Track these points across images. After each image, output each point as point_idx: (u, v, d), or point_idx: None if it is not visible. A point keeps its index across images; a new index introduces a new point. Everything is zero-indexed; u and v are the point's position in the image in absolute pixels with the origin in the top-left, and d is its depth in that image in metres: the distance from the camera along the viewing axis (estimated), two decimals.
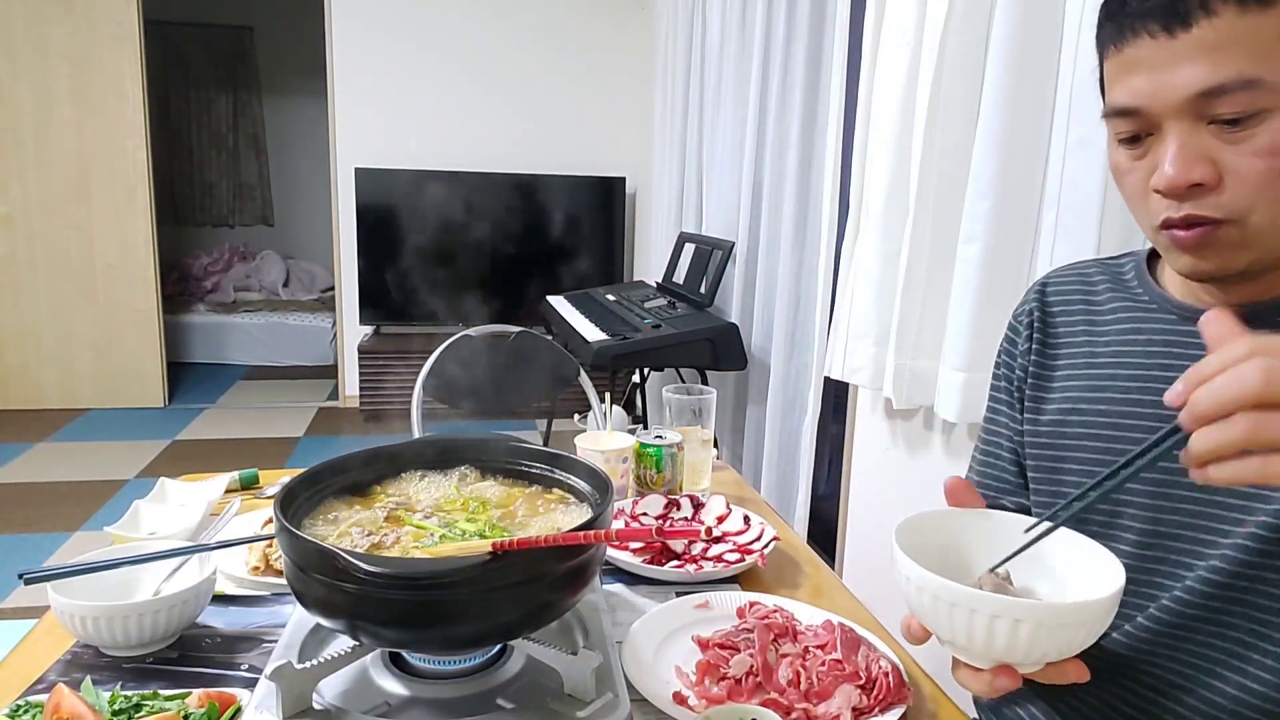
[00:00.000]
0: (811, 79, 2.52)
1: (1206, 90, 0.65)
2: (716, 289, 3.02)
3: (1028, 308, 0.94)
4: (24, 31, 4.25)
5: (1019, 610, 0.60)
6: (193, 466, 3.29)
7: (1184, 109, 0.66)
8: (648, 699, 0.82)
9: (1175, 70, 0.66)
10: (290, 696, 0.73)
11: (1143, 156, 0.71)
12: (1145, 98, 0.68)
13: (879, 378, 1.86)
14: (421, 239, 4.68)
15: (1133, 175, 0.72)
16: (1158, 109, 0.68)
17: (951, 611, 0.62)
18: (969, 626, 0.62)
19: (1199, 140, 0.67)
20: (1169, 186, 0.67)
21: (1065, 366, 0.89)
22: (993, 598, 0.61)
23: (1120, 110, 0.70)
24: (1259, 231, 0.67)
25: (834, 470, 2.59)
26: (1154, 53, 0.67)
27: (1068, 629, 0.61)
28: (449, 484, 0.95)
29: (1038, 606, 0.62)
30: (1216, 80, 0.64)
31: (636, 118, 4.74)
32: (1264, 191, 0.66)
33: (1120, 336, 0.84)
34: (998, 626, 0.60)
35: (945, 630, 0.64)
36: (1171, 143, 0.67)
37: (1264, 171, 0.65)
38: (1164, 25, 0.66)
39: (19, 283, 4.46)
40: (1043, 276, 0.96)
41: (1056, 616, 0.61)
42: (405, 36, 4.55)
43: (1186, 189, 0.67)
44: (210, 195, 6.75)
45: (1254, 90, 0.64)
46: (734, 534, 1.20)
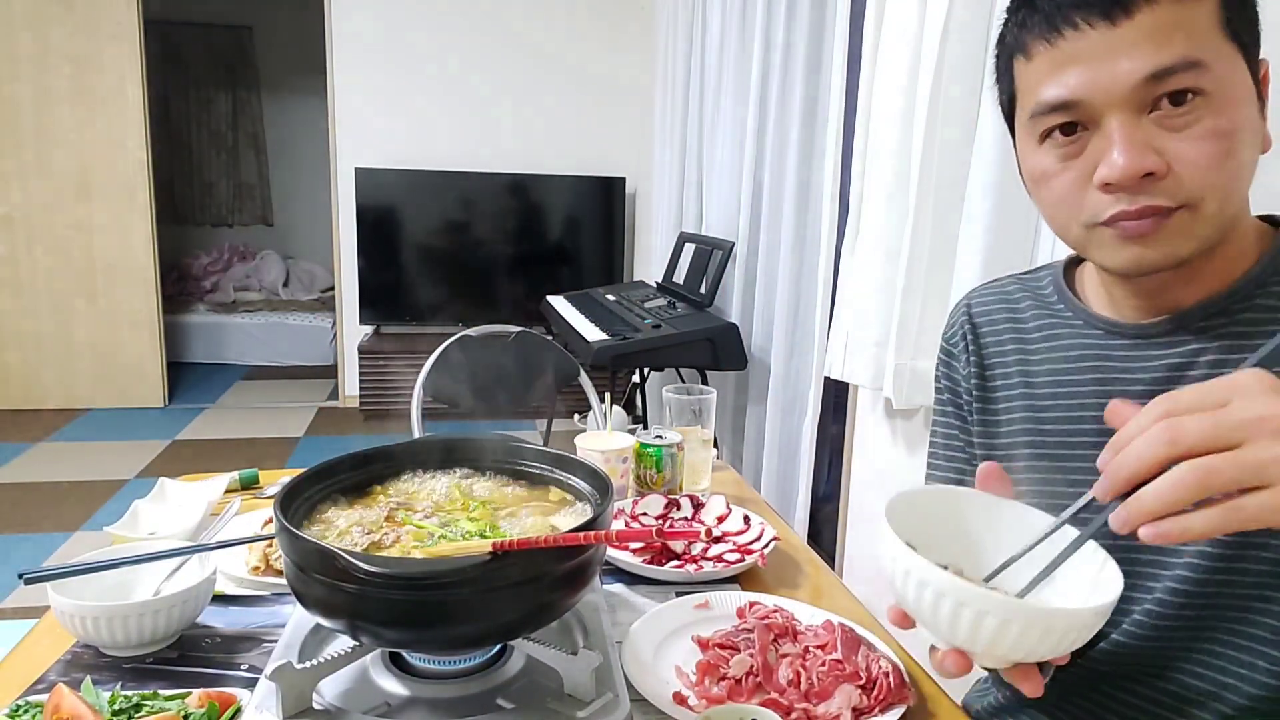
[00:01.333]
0: (811, 79, 2.52)
1: (1154, 73, 0.64)
2: (716, 289, 3.02)
3: (959, 330, 0.93)
4: (24, 31, 4.25)
5: (990, 604, 0.58)
6: (193, 466, 3.29)
7: (1128, 98, 0.65)
8: (648, 699, 0.82)
9: (1118, 59, 0.65)
10: (290, 696, 0.73)
11: (1075, 155, 0.69)
12: (1087, 89, 0.67)
13: (879, 378, 1.86)
14: (421, 239, 4.68)
15: (1063, 176, 0.71)
16: (1100, 100, 0.66)
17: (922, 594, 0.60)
18: (940, 614, 0.60)
19: (1143, 130, 0.66)
20: (1123, 176, 0.66)
21: (1003, 389, 0.88)
22: (973, 590, 0.58)
23: (1056, 106, 0.69)
24: (1210, 215, 0.67)
25: (834, 470, 2.59)
26: (1094, 44, 0.66)
27: (1048, 634, 0.58)
28: (449, 484, 0.95)
29: (1016, 606, 0.59)
30: (1162, 63, 0.64)
31: (636, 118, 4.74)
32: (1213, 174, 0.65)
33: (1051, 355, 0.84)
34: (964, 616, 0.58)
35: (917, 611, 0.63)
36: (1117, 134, 0.66)
37: (1212, 154, 0.65)
38: (1104, 15, 0.65)
39: (19, 283, 4.46)
40: (964, 297, 0.96)
41: (1041, 620, 0.58)
42: (405, 36, 4.55)
43: (1139, 179, 0.66)
44: (210, 195, 6.75)
45: (1197, 70, 0.64)
46: (734, 534, 1.20)
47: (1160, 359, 0.75)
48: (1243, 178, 0.68)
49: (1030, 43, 0.71)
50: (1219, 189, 0.66)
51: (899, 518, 0.66)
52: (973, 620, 0.57)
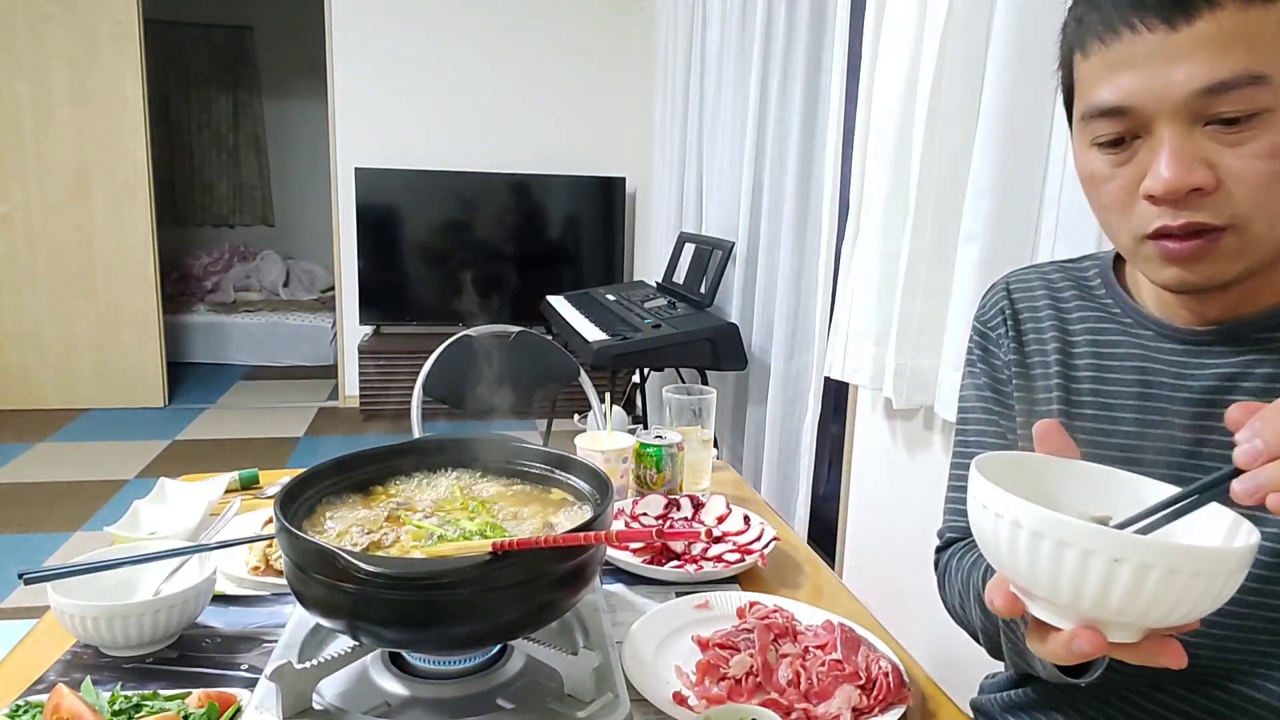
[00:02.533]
0: (811, 79, 2.51)
1: (1209, 87, 0.61)
2: (716, 289, 3.02)
3: (998, 312, 0.89)
4: (24, 31, 4.25)
5: (1133, 549, 0.49)
6: (193, 466, 3.29)
7: (1181, 108, 0.62)
8: (648, 699, 0.82)
9: (1174, 66, 0.62)
10: (290, 696, 0.73)
11: (1126, 162, 0.67)
12: (1139, 96, 0.64)
13: (879, 378, 1.86)
14: (421, 239, 4.68)
15: (1113, 183, 0.68)
16: (1152, 109, 0.63)
17: (1042, 548, 0.51)
18: (1064, 567, 0.51)
19: (1195, 142, 0.63)
20: (1167, 191, 0.63)
21: (1040, 378, 0.84)
22: (1108, 532, 0.50)
23: (1107, 110, 0.66)
24: (1257, 239, 0.64)
25: (834, 470, 2.59)
26: (1151, 48, 0.63)
27: (1195, 579, 0.49)
28: (449, 484, 0.95)
29: (1162, 546, 0.50)
30: (1219, 76, 0.60)
31: (636, 118, 4.74)
32: (1265, 196, 0.62)
33: (1094, 350, 0.81)
34: (1096, 566, 0.50)
35: (1031, 574, 0.53)
36: (1166, 145, 0.63)
37: (1266, 174, 0.62)
38: (1163, 18, 0.62)
39: (19, 283, 4.46)
40: (1002, 279, 0.92)
41: (1188, 561, 0.49)
42: (405, 37, 4.55)
43: (1185, 194, 0.63)
44: (210, 195, 6.75)
45: (1258, 87, 0.60)
46: (734, 534, 1.20)
47: (1212, 367, 0.72)
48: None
49: (1087, 40, 0.68)
50: (1271, 210, 0.63)
51: (989, 476, 0.56)
52: (1133, 575, 0.49)
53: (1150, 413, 0.76)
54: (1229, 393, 0.71)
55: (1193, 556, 0.49)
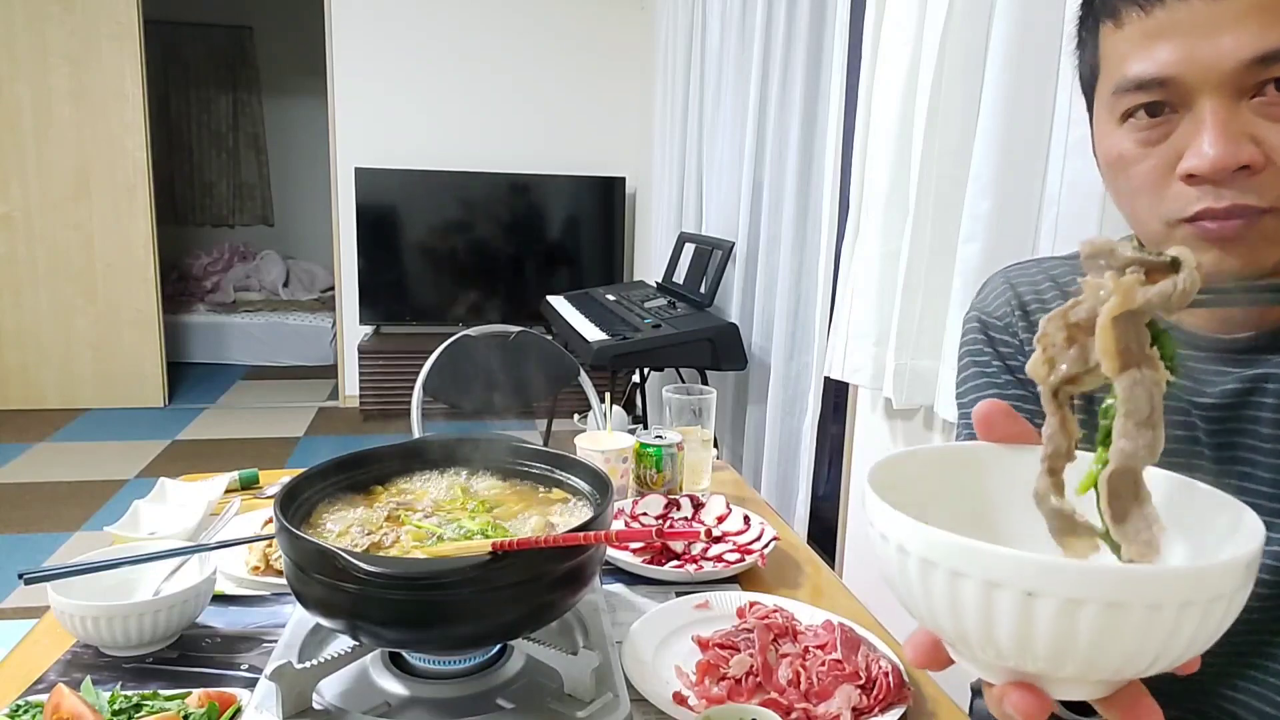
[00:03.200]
0: (811, 79, 2.51)
1: (1261, 56, 0.56)
2: (716, 289, 3.02)
3: (1006, 304, 0.82)
4: (24, 31, 4.25)
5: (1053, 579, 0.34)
6: (193, 466, 3.29)
7: (1228, 80, 0.57)
8: (648, 699, 0.82)
9: (1222, 34, 0.57)
10: (290, 696, 0.73)
11: (1160, 140, 0.61)
12: (1182, 67, 0.58)
13: (879, 378, 1.86)
14: (421, 239, 4.68)
15: (1144, 164, 0.62)
16: (1196, 80, 0.58)
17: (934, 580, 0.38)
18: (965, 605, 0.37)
19: (1240, 117, 0.58)
20: (1212, 169, 0.57)
21: None
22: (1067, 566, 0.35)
23: (1145, 83, 0.60)
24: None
25: (834, 470, 2.59)
26: (1196, 14, 0.58)
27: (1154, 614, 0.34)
28: (449, 484, 0.95)
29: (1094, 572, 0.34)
30: (1273, 44, 0.56)
31: (636, 118, 4.74)
32: None
33: None
34: (1004, 602, 0.35)
35: (931, 615, 0.40)
36: (1209, 119, 0.58)
37: None
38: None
39: (19, 283, 4.46)
40: (999, 272, 0.85)
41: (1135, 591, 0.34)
42: (405, 37, 4.55)
43: (1231, 173, 0.57)
44: (210, 195, 6.75)
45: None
46: (734, 534, 1.20)
47: (1234, 374, 0.68)
48: None
49: (1122, 8, 0.62)
50: None
51: (885, 493, 0.43)
52: (1059, 613, 0.34)
53: (1172, 426, 0.71)
54: (1249, 396, 0.67)
55: (1142, 584, 0.34)
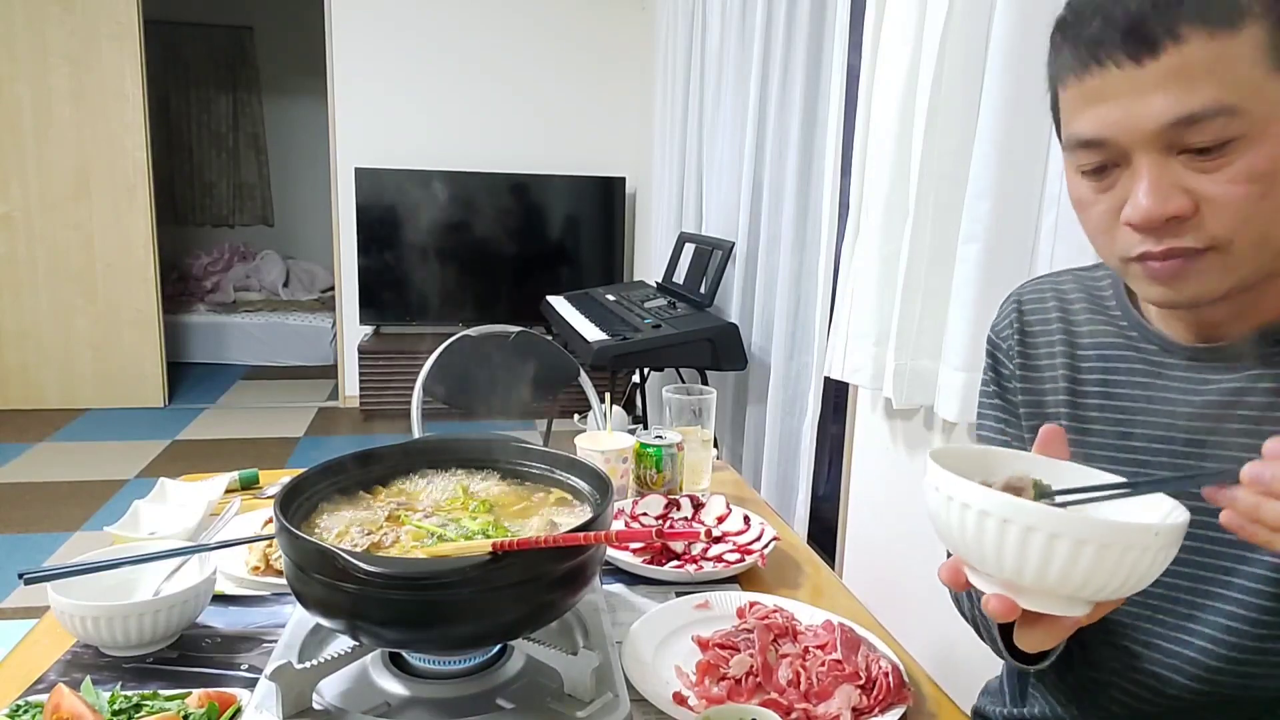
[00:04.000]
0: (811, 79, 2.51)
1: (1179, 120, 0.62)
2: (716, 289, 3.02)
3: (1009, 324, 0.90)
4: (24, 31, 4.25)
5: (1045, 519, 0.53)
6: (193, 466, 3.29)
7: (1154, 140, 0.63)
8: (648, 699, 0.82)
9: (1144, 100, 0.63)
10: (290, 696, 0.73)
11: (1109, 189, 0.68)
12: (1113, 129, 0.65)
13: (879, 378, 1.86)
14: (421, 239, 4.68)
15: (1097, 208, 0.69)
16: (1126, 140, 0.64)
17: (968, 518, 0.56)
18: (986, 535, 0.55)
19: (1172, 171, 0.64)
20: (1145, 220, 0.64)
21: (1050, 392, 0.85)
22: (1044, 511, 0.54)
23: (1085, 142, 0.67)
24: (1241, 258, 0.65)
25: (834, 470, 2.59)
26: (1120, 82, 0.64)
27: (1105, 551, 0.53)
28: (449, 484, 0.95)
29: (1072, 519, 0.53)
30: (1188, 109, 0.61)
31: (636, 118, 4.74)
32: (1244, 217, 0.63)
33: (1102, 364, 0.81)
34: (1012, 534, 0.54)
35: (963, 543, 0.58)
36: (1144, 174, 0.64)
37: (1243, 197, 0.62)
38: (1130, 54, 0.63)
39: (19, 283, 4.46)
40: (1017, 290, 0.93)
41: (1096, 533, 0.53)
42: (405, 36, 4.55)
43: (1164, 222, 0.64)
44: (210, 195, 6.75)
45: (1228, 117, 0.61)
46: (734, 534, 1.20)
47: (1216, 383, 0.73)
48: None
49: (1063, 74, 0.69)
50: (1252, 229, 0.63)
51: (944, 463, 0.61)
52: (1044, 544, 0.53)
53: (1156, 429, 0.77)
54: (1233, 408, 0.72)
55: (1101, 530, 0.52)
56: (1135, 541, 0.53)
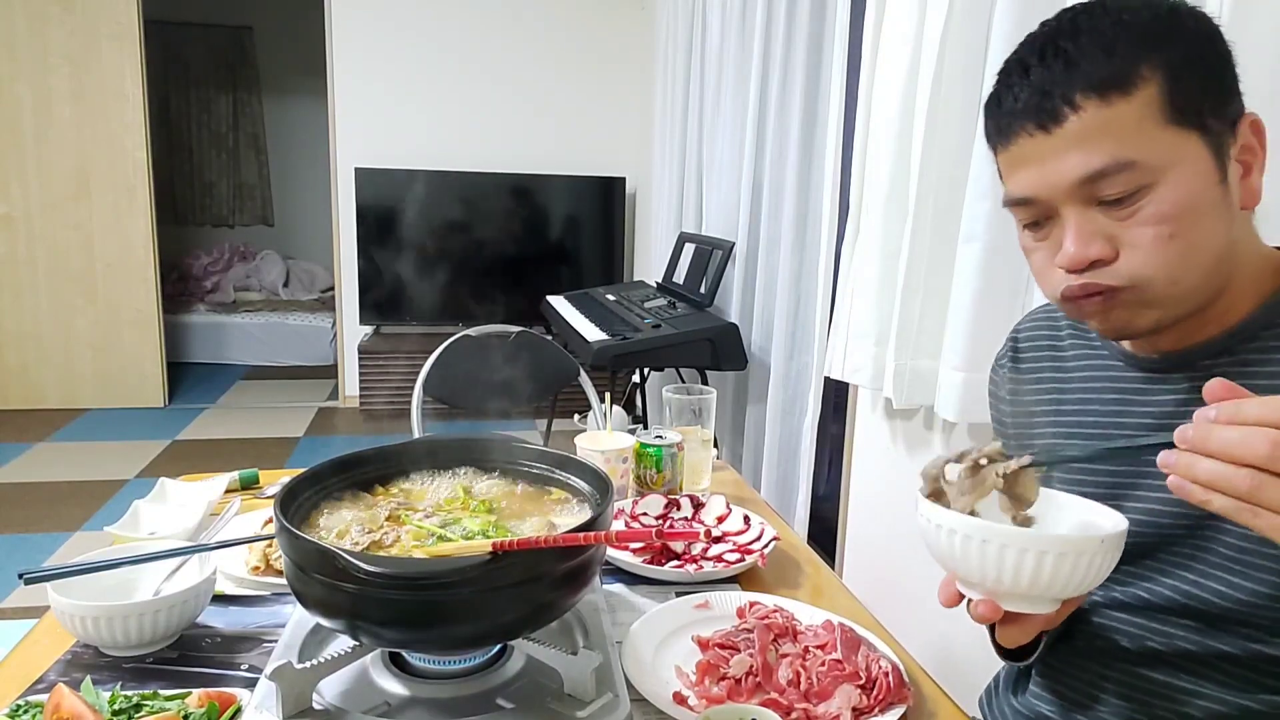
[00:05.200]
0: (811, 79, 2.51)
1: (1086, 177, 0.70)
2: (716, 289, 3.02)
3: (1004, 359, 0.99)
4: (24, 31, 4.24)
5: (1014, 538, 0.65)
6: (193, 466, 3.29)
7: (1072, 194, 0.72)
8: (648, 699, 0.82)
9: (1057, 162, 0.72)
10: (290, 696, 0.73)
11: (1045, 239, 0.76)
12: (1036, 188, 0.74)
13: (879, 378, 1.86)
14: (421, 239, 4.68)
15: (1037, 254, 0.78)
16: (1049, 197, 0.73)
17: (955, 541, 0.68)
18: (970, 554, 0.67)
19: (1092, 220, 0.72)
20: (1070, 263, 0.73)
21: (1040, 415, 0.92)
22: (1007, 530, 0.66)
23: (1017, 201, 0.76)
24: (1160, 294, 0.72)
25: (834, 470, 2.59)
26: (1035, 148, 0.73)
27: (1062, 559, 0.65)
28: (450, 484, 0.95)
29: (1033, 536, 0.67)
30: (1093, 167, 0.70)
31: (636, 118, 4.74)
32: (1157, 257, 0.71)
33: (1084, 385, 0.88)
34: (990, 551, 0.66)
35: (953, 562, 0.69)
36: (1069, 225, 0.73)
37: (1154, 238, 0.70)
38: (1038, 125, 0.72)
39: (19, 283, 4.46)
40: (1019, 323, 1.01)
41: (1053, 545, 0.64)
42: (405, 37, 4.55)
43: (1088, 265, 0.72)
44: (210, 195, 6.75)
45: (1131, 170, 0.69)
46: (734, 534, 1.20)
47: (1168, 393, 0.80)
48: (1197, 252, 0.71)
49: (992, 140, 0.78)
50: (1165, 269, 0.71)
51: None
52: (1016, 556, 0.65)
53: (1122, 440, 0.82)
54: (1183, 417, 0.74)
55: (1059, 542, 0.65)
56: (1085, 549, 0.65)
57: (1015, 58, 0.76)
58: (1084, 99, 0.70)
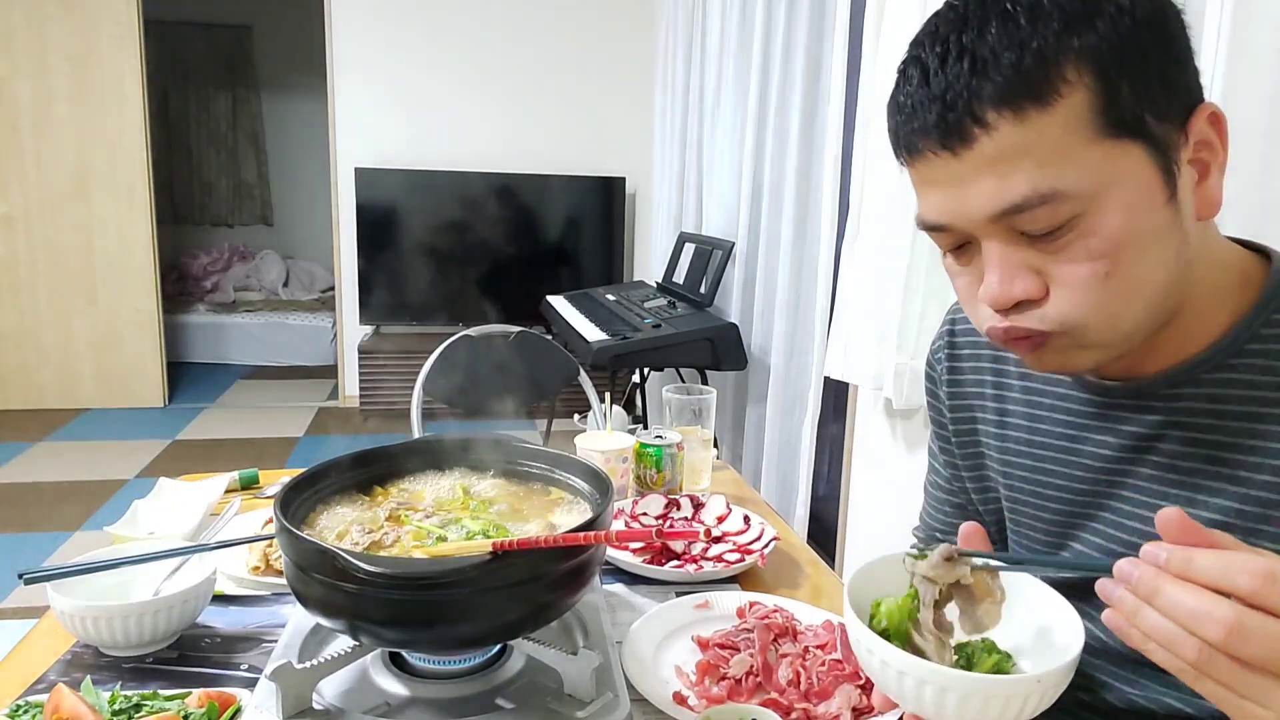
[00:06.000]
0: (811, 79, 2.52)
1: (1003, 211, 0.58)
2: (716, 289, 3.02)
3: (942, 346, 0.89)
4: (24, 31, 4.24)
5: (949, 680, 0.57)
6: (193, 466, 3.29)
7: (989, 226, 0.60)
8: (648, 699, 0.82)
9: (968, 189, 0.59)
10: (290, 696, 0.73)
11: (968, 264, 0.65)
12: (949, 215, 0.62)
13: (879, 378, 1.86)
14: (421, 239, 4.68)
15: (960, 280, 0.67)
16: (964, 226, 0.62)
17: (889, 676, 0.59)
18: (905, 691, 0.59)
19: (1018, 252, 0.60)
20: (993, 302, 0.62)
21: (981, 422, 0.84)
22: (932, 669, 0.58)
23: (929, 226, 0.65)
24: (1097, 339, 0.62)
25: (834, 470, 2.59)
26: (943, 171, 0.60)
27: (1008, 703, 0.57)
28: (450, 484, 0.95)
29: (965, 678, 0.57)
30: (1010, 200, 0.58)
31: (636, 118, 4.74)
32: (1092, 298, 0.60)
33: (1027, 398, 0.80)
34: (928, 693, 0.58)
35: (900, 696, 0.60)
36: (991, 260, 0.61)
37: (1089, 277, 0.59)
38: (944, 145, 0.59)
39: (19, 283, 4.46)
40: (949, 311, 0.90)
41: (985, 687, 0.56)
42: (405, 36, 4.55)
43: (1012, 305, 0.61)
44: (210, 195, 6.75)
45: (1054, 203, 0.57)
46: (734, 534, 1.20)
47: (1127, 425, 0.71)
48: (1140, 288, 0.60)
49: (899, 155, 0.66)
50: (1101, 311, 0.60)
51: (860, 592, 0.64)
52: (935, 696, 0.57)
53: (1075, 467, 0.75)
54: (1146, 453, 0.70)
55: (988, 684, 0.57)
56: (1018, 691, 0.57)
57: (912, 54, 0.62)
58: (995, 115, 0.57)
